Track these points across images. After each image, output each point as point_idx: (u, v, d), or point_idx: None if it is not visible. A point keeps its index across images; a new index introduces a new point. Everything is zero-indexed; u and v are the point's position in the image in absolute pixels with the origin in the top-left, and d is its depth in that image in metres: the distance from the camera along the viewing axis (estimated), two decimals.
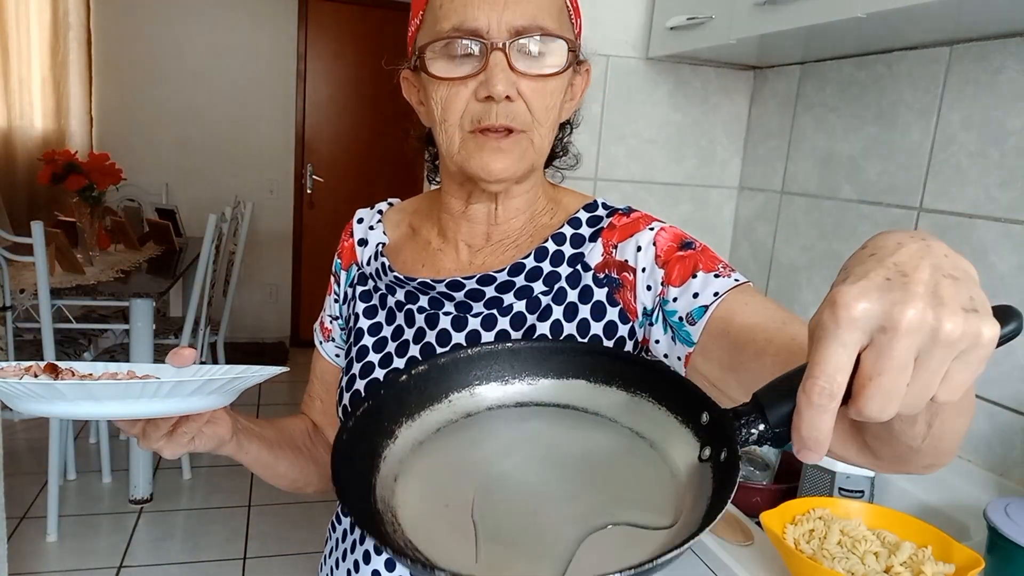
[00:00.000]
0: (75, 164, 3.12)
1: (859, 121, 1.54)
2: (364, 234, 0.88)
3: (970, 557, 0.85)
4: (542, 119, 0.72)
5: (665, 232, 0.76)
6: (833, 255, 1.60)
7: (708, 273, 0.70)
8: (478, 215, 0.80)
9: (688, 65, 1.84)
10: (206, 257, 2.99)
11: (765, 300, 0.69)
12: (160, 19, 4.44)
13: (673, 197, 1.90)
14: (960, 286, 0.38)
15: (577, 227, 0.79)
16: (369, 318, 0.84)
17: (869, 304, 0.38)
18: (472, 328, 0.77)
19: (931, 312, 0.37)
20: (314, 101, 4.79)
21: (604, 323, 0.75)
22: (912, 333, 0.37)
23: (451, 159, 0.74)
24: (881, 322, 0.38)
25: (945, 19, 1.17)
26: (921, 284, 0.38)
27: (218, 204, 3.82)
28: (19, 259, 2.45)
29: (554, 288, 0.76)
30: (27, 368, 0.63)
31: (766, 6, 1.32)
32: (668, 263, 0.73)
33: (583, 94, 0.80)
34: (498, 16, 0.68)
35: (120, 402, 0.58)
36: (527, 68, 0.69)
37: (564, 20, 0.74)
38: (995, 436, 1.23)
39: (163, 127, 4.55)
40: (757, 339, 0.64)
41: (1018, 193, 1.21)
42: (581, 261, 0.77)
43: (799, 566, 0.86)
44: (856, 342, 0.38)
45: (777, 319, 0.65)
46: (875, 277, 0.39)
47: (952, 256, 0.40)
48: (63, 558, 2.53)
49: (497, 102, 0.69)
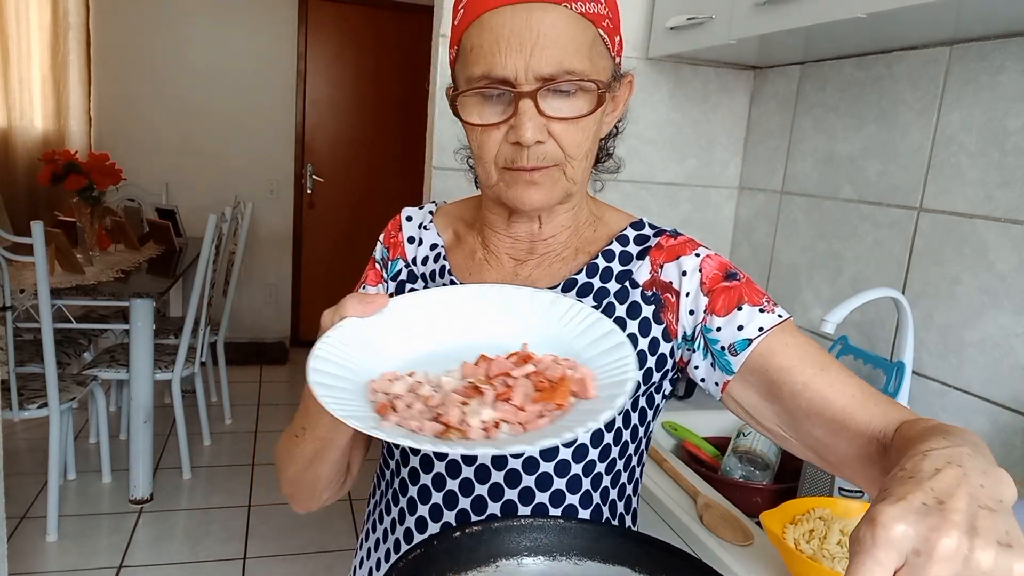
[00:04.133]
0: (75, 164, 3.12)
1: (859, 121, 1.54)
2: (415, 232, 0.88)
3: None
4: (574, 154, 0.72)
5: (711, 260, 0.77)
6: (833, 255, 1.60)
7: (753, 307, 0.73)
8: (521, 232, 0.81)
9: (688, 65, 1.84)
10: (206, 257, 2.99)
11: (805, 341, 0.72)
12: (160, 19, 4.44)
13: (673, 197, 1.90)
14: (997, 519, 0.40)
15: (625, 244, 0.80)
16: None
17: (907, 527, 0.40)
18: None
19: (966, 542, 0.39)
20: (314, 101, 4.79)
21: (649, 339, 0.77)
22: (946, 560, 0.39)
23: (489, 190, 0.76)
24: (917, 545, 0.39)
25: (945, 19, 1.17)
26: (959, 513, 0.40)
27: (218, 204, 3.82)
28: (19, 259, 2.45)
29: (603, 303, 0.78)
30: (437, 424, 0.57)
31: (766, 6, 1.32)
32: (713, 292, 0.74)
33: (626, 104, 0.81)
34: (524, 64, 0.68)
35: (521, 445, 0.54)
36: (556, 112, 0.70)
37: (597, 53, 0.72)
38: (995, 436, 1.23)
39: (163, 127, 4.55)
40: (795, 381, 0.69)
41: (1018, 193, 1.21)
42: (629, 278, 0.78)
43: (799, 566, 0.86)
44: (892, 562, 0.40)
45: (816, 363, 0.69)
46: (913, 500, 0.41)
47: (989, 486, 0.43)
48: (63, 558, 2.53)
49: (527, 147, 0.70)
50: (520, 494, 0.76)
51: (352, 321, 0.65)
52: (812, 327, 1.65)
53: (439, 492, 0.78)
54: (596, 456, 0.76)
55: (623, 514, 0.81)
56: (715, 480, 1.19)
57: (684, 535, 1.04)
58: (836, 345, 1.39)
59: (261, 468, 3.29)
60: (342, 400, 0.56)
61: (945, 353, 1.33)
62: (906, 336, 1.27)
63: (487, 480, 0.77)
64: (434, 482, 0.78)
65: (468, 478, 0.77)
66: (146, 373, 2.86)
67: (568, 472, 0.76)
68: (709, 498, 1.09)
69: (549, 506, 0.76)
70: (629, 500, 0.82)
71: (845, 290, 1.57)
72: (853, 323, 1.50)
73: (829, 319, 1.20)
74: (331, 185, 4.94)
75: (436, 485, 0.78)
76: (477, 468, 0.77)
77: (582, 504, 0.77)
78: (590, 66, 0.70)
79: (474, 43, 0.70)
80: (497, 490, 0.76)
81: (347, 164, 4.93)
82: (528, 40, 0.67)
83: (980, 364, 1.27)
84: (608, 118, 0.78)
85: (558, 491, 0.76)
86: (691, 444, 1.36)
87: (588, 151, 0.74)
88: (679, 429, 1.43)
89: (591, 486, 0.77)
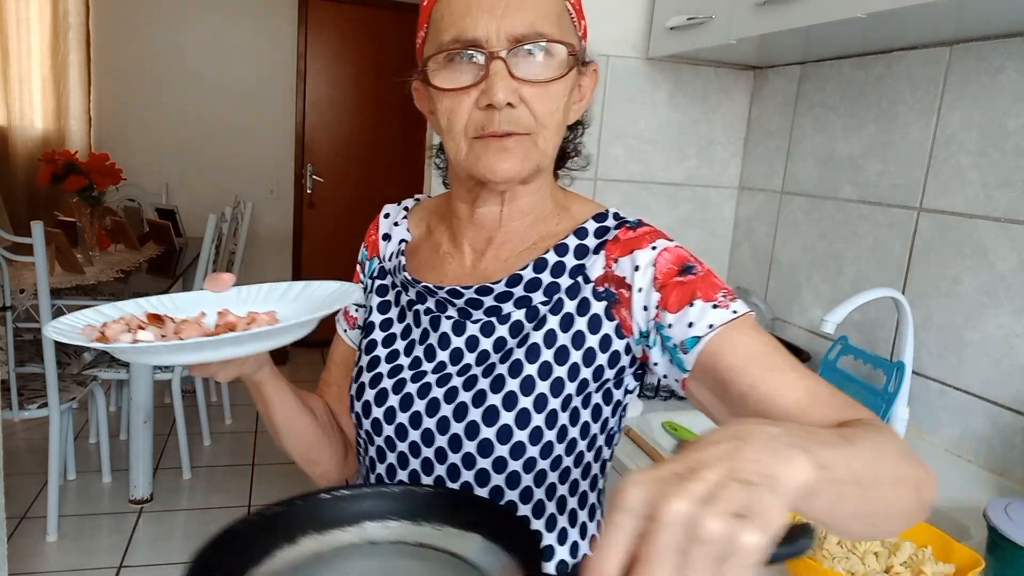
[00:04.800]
0: (75, 164, 3.12)
1: (859, 121, 1.54)
2: (388, 229, 0.90)
3: (970, 557, 0.85)
4: (546, 122, 0.72)
5: (668, 253, 0.74)
6: (833, 255, 1.60)
7: (707, 303, 0.70)
8: (484, 219, 0.81)
9: (688, 65, 1.84)
10: (206, 257, 2.99)
11: (756, 340, 0.69)
12: (160, 19, 4.43)
13: (673, 197, 1.90)
14: (748, 492, 0.39)
15: (583, 237, 0.78)
16: (382, 313, 0.86)
17: (642, 492, 0.40)
18: (471, 334, 0.78)
19: (695, 509, 0.38)
20: (314, 101, 4.79)
21: (600, 336, 0.75)
22: (672, 525, 0.38)
23: (459, 165, 0.75)
24: (649, 511, 0.39)
25: (945, 19, 1.17)
26: (702, 482, 0.39)
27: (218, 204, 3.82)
28: (19, 259, 2.45)
29: (553, 299, 0.76)
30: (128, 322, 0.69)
31: (766, 6, 1.32)
32: (665, 287, 0.72)
33: (592, 94, 0.80)
34: (496, 25, 0.68)
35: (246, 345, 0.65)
36: (528, 74, 0.70)
37: (565, 24, 0.73)
38: (995, 436, 1.23)
39: (163, 127, 4.55)
40: (742, 382, 0.66)
41: (1018, 193, 1.21)
42: (583, 273, 0.77)
43: (799, 566, 0.86)
44: (629, 526, 0.40)
45: (766, 364, 0.67)
46: (668, 469, 0.41)
47: (764, 462, 0.41)
48: (63, 558, 2.53)
49: (499, 109, 0.69)
50: (490, 492, 0.76)
51: (199, 292, 0.78)
52: (812, 327, 1.65)
53: (403, 470, 0.80)
54: (536, 453, 0.74)
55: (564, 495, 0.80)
56: None
57: None
58: (836, 345, 1.39)
59: (261, 468, 3.29)
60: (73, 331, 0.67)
61: (945, 353, 1.33)
62: (906, 336, 1.27)
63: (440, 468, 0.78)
64: (399, 460, 0.80)
65: (428, 457, 0.78)
66: (146, 373, 2.86)
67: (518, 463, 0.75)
68: None
69: (519, 503, 0.76)
70: (585, 496, 0.81)
71: (845, 290, 1.57)
72: (853, 323, 1.50)
73: (829, 319, 1.20)
74: (331, 185, 4.93)
75: (401, 464, 0.80)
76: (436, 450, 0.78)
77: (534, 512, 0.77)
78: (559, 33, 0.71)
79: (444, 12, 0.71)
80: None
81: (347, 164, 4.93)
82: (500, 2, 0.68)
83: (980, 364, 1.27)
84: (576, 105, 0.78)
85: (524, 486, 0.76)
86: None
87: (558, 124, 0.74)
88: (679, 429, 1.43)
89: (533, 483, 0.76)
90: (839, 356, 1.38)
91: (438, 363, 0.79)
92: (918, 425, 1.36)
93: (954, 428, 1.31)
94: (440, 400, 0.77)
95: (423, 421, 0.77)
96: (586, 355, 0.75)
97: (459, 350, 0.78)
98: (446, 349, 0.79)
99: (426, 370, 0.79)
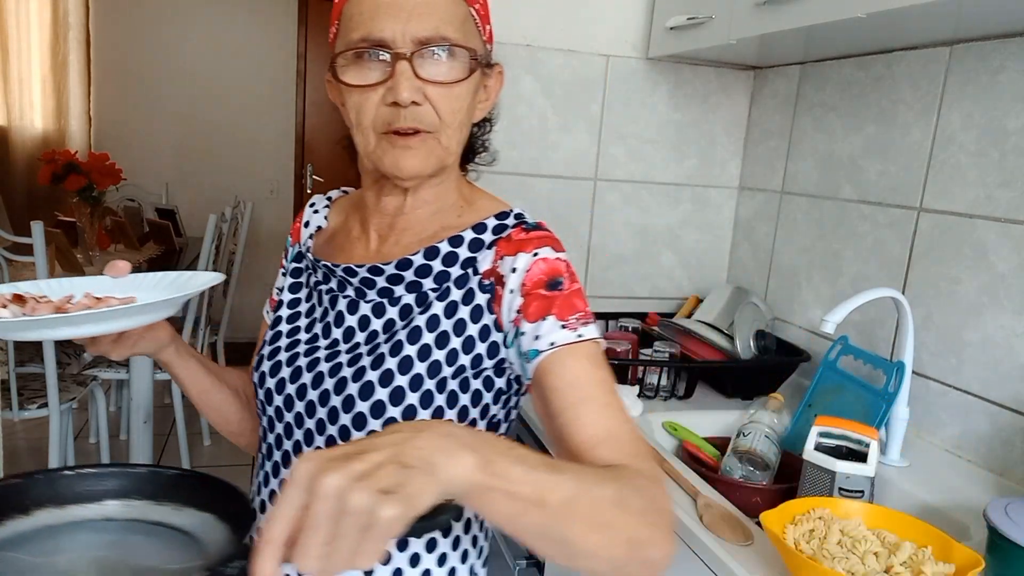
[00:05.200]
0: (75, 164, 3.12)
1: (859, 121, 1.54)
2: (310, 217, 0.96)
3: (970, 557, 0.85)
4: (449, 121, 0.76)
5: (543, 263, 0.77)
6: (833, 255, 1.60)
7: (558, 321, 0.73)
8: (388, 207, 0.86)
9: (688, 65, 1.84)
10: (206, 257, 2.99)
11: (585, 368, 0.72)
12: (160, 19, 4.43)
13: (673, 197, 1.90)
14: (404, 473, 0.45)
15: (481, 232, 0.81)
16: (293, 293, 0.92)
17: (311, 468, 0.44)
18: (363, 313, 0.83)
19: (346, 484, 0.43)
20: (314, 101, 4.79)
21: (480, 326, 0.78)
22: (325, 498, 0.43)
23: (367, 158, 0.80)
24: (310, 484, 0.44)
25: (945, 19, 1.17)
26: (363, 462, 0.45)
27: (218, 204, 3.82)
28: (19, 259, 2.45)
29: (442, 286, 0.80)
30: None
31: (766, 6, 1.32)
32: (529, 295, 0.75)
33: (497, 94, 0.85)
34: (402, 27, 0.72)
35: (94, 324, 0.70)
36: (431, 75, 0.74)
37: (469, 28, 0.77)
38: (995, 436, 1.23)
39: (163, 127, 4.55)
40: (555, 404, 0.71)
41: (1018, 193, 1.21)
42: (473, 265, 0.80)
43: (799, 566, 0.86)
44: (297, 498, 0.44)
45: (579, 394, 0.70)
46: (341, 450, 0.46)
47: (429, 450, 0.47)
48: None
49: (404, 107, 0.73)
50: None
51: (99, 278, 0.84)
52: (812, 327, 1.65)
53: (289, 440, 0.84)
54: None
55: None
56: (715, 480, 1.19)
57: (684, 535, 1.04)
58: (836, 345, 1.39)
59: None
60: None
61: (945, 353, 1.33)
62: (906, 336, 1.27)
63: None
64: (285, 431, 0.85)
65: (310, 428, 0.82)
66: (146, 373, 2.85)
67: None
68: (709, 498, 1.09)
69: None
70: None
71: (845, 290, 1.57)
72: (853, 323, 1.50)
73: (829, 319, 1.20)
74: (331, 185, 4.86)
75: (287, 433, 0.84)
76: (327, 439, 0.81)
77: None
78: (463, 37, 0.75)
79: (354, 11, 0.75)
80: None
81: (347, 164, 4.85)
82: (406, 6, 0.72)
83: (980, 364, 1.27)
84: (482, 104, 0.82)
85: None
86: (691, 444, 1.36)
87: (462, 123, 0.78)
88: (679, 429, 1.43)
89: None
90: (839, 356, 1.38)
91: (332, 340, 0.83)
92: (918, 425, 1.36)
93: (954, 428, 1.31)
94: (324, 374, 0.81)
95: (308, 393, 0.81)
96: (465, 342, 0.78)
97: (352, 328, 0.83)
98: (340, 327, 0.84)
99: (320, 346, 0.84)
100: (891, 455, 1.26)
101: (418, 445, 0.47)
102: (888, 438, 1.27)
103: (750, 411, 1.31)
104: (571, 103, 1.78)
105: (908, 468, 1.25)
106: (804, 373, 1.61)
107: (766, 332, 1.65)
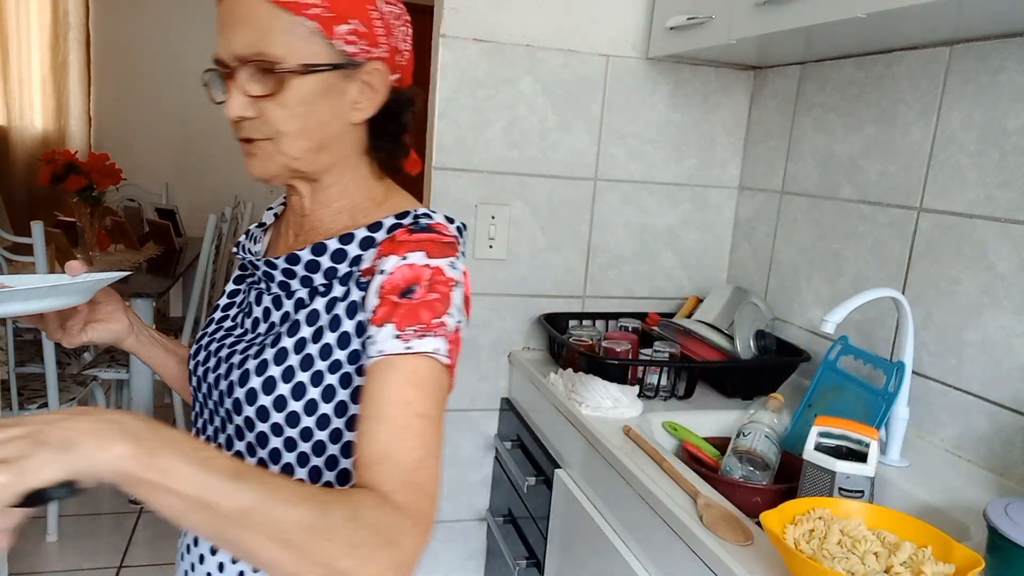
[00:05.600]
0: (75, 164, 3.12)
1: (859, 121, 1.54)
2: (264, 218, 1.00)
3: (970, 557, 0.85)
4: (284, 129, 0.77)
5: (408, 269, 0.76)
6: (833, 255, 1.60)
7: (395, 329, 0.73)
8: (296, 207, 0.89)
9: (688, 65, 1.84)
10: (206, 257, 2.99)
11: (398, 384, 0.71)
12: (160, 19, 4.44)
13: (673, 197, 1.90)
14: (34, 448, 0.50)
15: (376, 231, 0.82)
16: (234, 284, 0.97)
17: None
18: (266, 305, 0.87)
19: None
20: None
21: (356, 322, 0.79)
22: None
23: None
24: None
25: (945, 19, 1.17)
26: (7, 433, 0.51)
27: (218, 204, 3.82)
28: (19, 259, 2.45)
29: (330, 281, 0.82)
30: None
31: (766, 6, 1.32)
32: (382, 299, 0.76)
33: (386, 91, 0.82)
34: (228, 46, 0.76)
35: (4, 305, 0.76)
36: (254, 91, 0.76)
37: (299, 38, 0.75)
38: (995, 436, 1.24)
39: (163, 127, 4.55)
40: (359, 411, 0.72)
41: (1018, 193, 1.21)
42: (359, 263, 0.82)
43: (799, 566, 0.86)
44: None
45: (378, 409, 0.70)
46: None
47: (76, 434, 0.52)
48: (63, 558, 2.53)
49: (235, 122, 0.78)
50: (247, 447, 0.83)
51: (59, 275, 0.87)
52: (812, 327, 1.65)
53: (211, 425, 0.88)
54: (282, 420, 0.79)
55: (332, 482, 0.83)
56: (715, 480, 1.20)
57: (684, 535, 1.04)
58: (836, 345, 1.39)
59: None
60: None
61: (945, 353, 1.33)
62: (906, 336, 1.27)
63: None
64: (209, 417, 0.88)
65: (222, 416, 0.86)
66: (146, 373, 2.86)
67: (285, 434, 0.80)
68: (709, 498, 1.09)
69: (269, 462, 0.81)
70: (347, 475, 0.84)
71: (845, 290, 1.57)
72: (853, 323, 1.50)
73: (829, 319, 1.20)
74: None
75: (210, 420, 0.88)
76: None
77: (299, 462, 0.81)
78: (285, 51, 0.74)
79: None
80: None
81: None
82: (229, 24, 0.75)
83: (980, 364, 1.27)
84: (361, 104, 0.81)
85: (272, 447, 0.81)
86: (691, 444, 1.36)
87: (306, 129, 0.78)
88: (679, 429, 1.43)
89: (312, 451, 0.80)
90: (839, 356, 1.38)
91: (244, 330, 0.88)
92: (918, 425, 1.36)
93: (954, 428, 1.31)
94: (222, 361, 0.86)
95: (220, 382, 0.85)
96: (340, 338, 0.79)
97: (257, 319, 0.87)
98: (249, 317, 0.89)
99: (236, 336, 0.88)
100: (891, 455, 1.26)
101: (66, 427, 0.52)
102: (888, 438, 1.27)
103: (750, 411, 1.32)
104: (571, 103, 1.78)
105: (908, 468, 1.25)
106: (804, 373, 1.61)
107: (766, 332, 1.65)
